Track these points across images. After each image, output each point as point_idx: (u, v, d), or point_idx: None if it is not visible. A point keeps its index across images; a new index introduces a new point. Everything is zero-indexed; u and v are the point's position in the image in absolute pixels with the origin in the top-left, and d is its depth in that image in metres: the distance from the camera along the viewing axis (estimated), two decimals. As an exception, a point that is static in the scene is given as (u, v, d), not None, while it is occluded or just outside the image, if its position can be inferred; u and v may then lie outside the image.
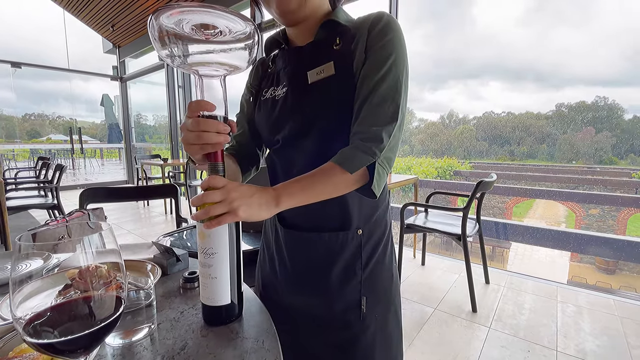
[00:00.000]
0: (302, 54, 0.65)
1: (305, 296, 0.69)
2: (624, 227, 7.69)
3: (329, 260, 0.66)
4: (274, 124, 0.66)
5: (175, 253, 0.77)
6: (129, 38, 6.32)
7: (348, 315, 0.66)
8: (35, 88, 9.60)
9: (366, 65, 0.58)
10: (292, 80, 0.64)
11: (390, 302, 0.70)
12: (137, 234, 3.64)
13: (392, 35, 0.57)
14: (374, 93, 0.56)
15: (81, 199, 1.44)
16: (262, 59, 0.76)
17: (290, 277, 0.70)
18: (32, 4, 8.90)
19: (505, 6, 16.35)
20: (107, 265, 0.40)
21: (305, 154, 0.64)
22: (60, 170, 3.24)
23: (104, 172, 10.20)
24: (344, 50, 0.60)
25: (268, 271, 0.75)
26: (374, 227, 0.67)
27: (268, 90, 0.69)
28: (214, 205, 0.47)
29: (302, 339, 0.70)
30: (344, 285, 0.66)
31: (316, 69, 0.61)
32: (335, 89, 0.59)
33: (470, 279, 1.98)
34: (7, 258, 0.80)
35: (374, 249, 0.67)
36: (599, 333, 1.74)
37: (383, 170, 0.58)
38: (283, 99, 0.64)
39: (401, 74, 0.57)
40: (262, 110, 0.69)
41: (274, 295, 0.74)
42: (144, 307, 0.52)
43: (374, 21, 0.59)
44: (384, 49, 0.57)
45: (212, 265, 0.52)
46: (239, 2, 4.09)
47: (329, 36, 0.62)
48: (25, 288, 0.35)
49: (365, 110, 0.56)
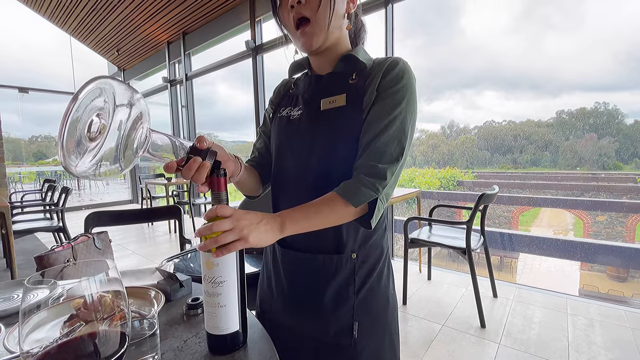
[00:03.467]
0: (320, 82, 0.70)
1: (300, 317, 0.70)
2: (632, 233, 7.57)
3: (322, 282, 0.67)
4: (284, 140, 0.71)
5: (178, 279, 0.77)
6: (133, 62, 6.49)
7: (340, 339, 0.66)
8: (41, 111, 9.82)
9: (377, 106, 0.62)
10: (308, 104, 0.69)
11: (384, 328, 0.69)
12: (141, 254, 3.65)
13: (405, 82, 0.62)
14: (383, 134, 0.60)
15: (86, 223, 1.46)
16: (286, 80, 0.82)
17: (286, 296, 0.71)
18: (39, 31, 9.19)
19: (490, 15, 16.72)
20: (110, 294, 0.41)
21: (305, 171, 0.67)
22: (65, 193, 3.27)
23: (109, 191, 10.28)
24: (358, 85, 0.65)
25: (266, 289, 0.77)
26: (369, 251, 0.68)
27: (285, 109, 0.74)
28: (225, 234, 0.48)
29: (298, 358, 0.70)
30: (336, 308, 0.66)
31: (329, 98, 0.66)
32: (343, 119, 0.64)
33: (477, 294, 1.96)
34: (10, 287, 0.81)
35: (368, 273, 0.67)
36: (612, 346, 1.70)
37: (382, 205, 0.62)
38: (297, 119, 0.70)
39: (409, 120, 0.62)
40: (276, 125, 0.75)
41: (270, 313, 0.75)
42: (147, 337, 0.52)
43: (390, 65, 0.63)
44: (396, 94, 0.61)
45: (220, 294, 0.53)
46: (238, 26, 4.21)
47: (346, 70, 0.68)
48: (32, 319, 0.36)
49: (372, 148, 0.60)
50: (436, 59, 17.36)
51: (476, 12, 17.42)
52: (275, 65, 4.23)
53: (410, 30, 2.90)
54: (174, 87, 5.74)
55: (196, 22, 4.67)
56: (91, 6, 4.77)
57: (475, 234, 2.14)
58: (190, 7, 4.33)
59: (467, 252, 1.98)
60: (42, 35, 10.25)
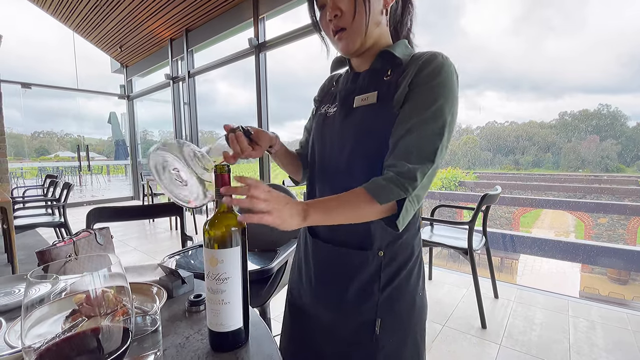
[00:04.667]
0: (356, 80, 0.71)
1: (324, 306, 0.71)
2: (634, 236, 7.54)
3: (347, 276, 0.67)
4: (319, 136, 0.74)
5: (180, 275, 0.77)
6: (136, 58, 6.49)
7: (361, 334, 0.66)
8: (44, 107, 9.82)
9: (411, 102, 0.60)
10: (343, 102, 0.71)
11: (408, 329, 0.68)
12: (142, 250, 3.65)
13: (443, 78, 0.59)
14: (413, 132, 0.57)
15: (88, 218, 1.46)
16: (331, 76, 0.84)
17: (313, 285, 0.73)
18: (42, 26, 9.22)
19: (491, 16, 16.62)
20: (113, 290, 0.40)
21: (336, 168, 0.70)
22: (67, 189, 3.28)
23: (110, 188, 10.30)
24: (391, 81, 0.64)
25: (296, 276, 0.80)
26: (398, 250, 0.67)
27: (324, 106, 0.77)
28: (258, 200, 0.51)
29: (319, 346, 0.72)
30: (360, 303, 0.67)
31: (362, 96, 0.67)
32: (372, 117, 0.64)
33: (478, 295, 1.95)
34: (11, 282, 0.81)
35: (396, 272, 0.66)
36: (613, 348, 1.69)
37: (411, 207, 0.59)
38: (332, 116, 0.72)
39: (447, 120, 0.58)
40: (315, 122, 0.78)
41: (299, 300, 0.78)
42: (149, 333, 0.52)
43: (426, 61, 0.61)
44: (431, 91, 0.58)
45: (225, 291, 0.52)
46: (242, 23, 4.20)
47: (383, 66, 0.67)
48: (34, 314, 0.36)
49: (401, 147, 0.58)
50: (439, 59, 17.22)
51: (476, 12, 17.33)
52: (275, 64, 4.21)
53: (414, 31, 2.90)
54: (176, 84, 5.73)
55: (199, 19, 4.67)
56: (94, 2, 4.77)
57: (477, 235, 2.13)
58: (194, 4, 4.33)
59: (469, 253, 1.97)
60: (45, 31, 10.26)
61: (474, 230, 1.98)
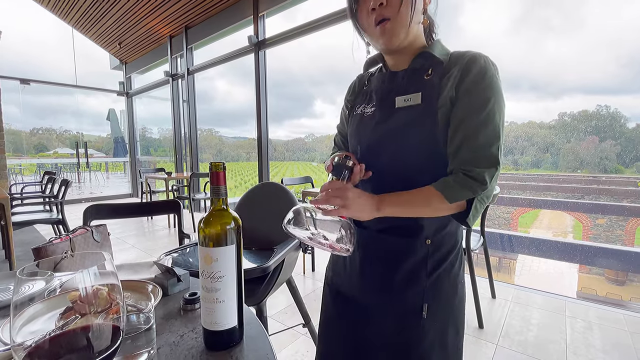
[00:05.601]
0: (395, 80, 0.70)
1: (371, 292, 0.72)
2: (632, 237, 7.57)
3: (394, 264, 0.69)
4: (358, 136, 0.74)
5: (176, 273, 0.77)
6: (135, 55, 6.47)
7: (407, 319, 0.68)
8: (43, 103, 9.78)
9: (464, 106, 0.61)
10: (382, 102, 0.71)
11: (450, 314, 0.70)
12: (140, 247, 3.64)
13: (489, 78, 0.60)
14: (477, 136, 0.59)
15: (85, 215, 1.45)
16: (361, 76, 0.83)
17: (356, 272, 0.74)
18: (42, 23, 9.15)
19: (491, 16, 16.43)
20: (107, 288, 0.40)
21: (377, 168, 0.70)
22: (65, 185, 3.27)
23: (109, 185, 10.28)
24: (433, 82, 0.64)
25: (340, 264, 0.80)
26: (443, 239, 0.69)
27: (360, 107, 0.76)
28: (333, 198, 0.58)
29: (362, 332, 0.73)
30: (406, 289, 0.68)
31: (404, 96, 0.66)
32: (417, 118, 0.64)
33: (476, 294, 1.95)
34: (7, 278, 0.80)
35: (441, 260, 0.69)
36: (610, 349, 1.70)
37: (481, 206, 0.63)
38: (370, 116, 0.72)
39: (500, 119, 0.60)
40: (351, 122, 0.78)
41: (341, 287, 0.79)
42: (143, 331, 0.52)
43: (469, 63, 0.62)
44: (482, 93, 0.60)
45: (219, 289, 0.52)
46: (241, 20, 4.19)
47: (422, 66, 0.67)
48: (27, 311, 0.35)
49: (468, 151, 0.60)
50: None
51: (475, 11, 17.35)
52: (274, 62, 4.20)
53: None
54: (175, 81, 5.72)
55: (199, 16, 4.65)
56: (94, -2, 4.75)
57: (475, 234, 2.13)
58: (193, 1, 4.31)
59: (467, 252, 1.97)
60: (43, 27, 10.22)
61: (471, 230, 1.98)
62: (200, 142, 5.83)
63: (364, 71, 0.81)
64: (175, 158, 5.95)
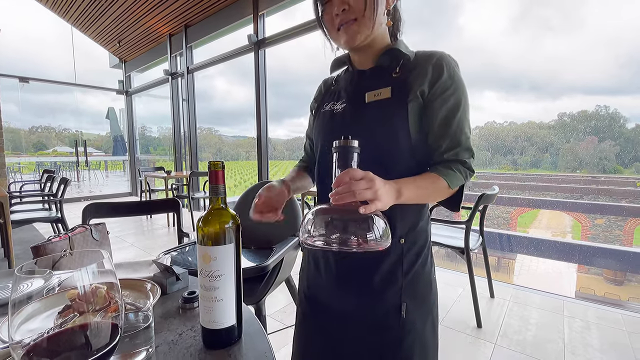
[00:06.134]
0: (363, 77, 0.73)
1: (349, 297, 0.72)
2: (630, 237, 7.58)
3: (371, 265, 0.69)
4: (328, 133, 0.74)
5: (175, 272, 0.77)
6: (134, 53, 6.45)
7: (389, 319, 0.69)
8: (42, 101, 9.76)
9: (443, 103, 0.65)
10: (351, 98, 0.72)
11: (428, 311, 0.72)
12: (139, 246, 3.64)
13: (460, 77, 0.67)
14: (462, 130, 0.66)
15: (84, 214, 1.45)
16: (326, 79, 0.85)
17: (334, 278, 0.74)
18: (41, 20, 9.13)
19: (489, 15, 16.35)
20: (106, 286, 0.40)
21: None
22: (64, 184, 3.26)
23: (108, 184, 10.28)
24: (402, 79, 0.67)
25: (313, 272, 0.79)
26: (416, 237, 0.71)
27: (328, 105, 0.77)
28: (364, 190, 0.51)
29: (344, 339, 0.73)
30: (385, 289, 0.69)
31: (374, 91, 0.69)
32: (388, 111, 0.66)
33: (474, 294, 1.95)
34: (7, 277, 0.80)
35: (415, 258, 0.70)
36: (608, 349, 1.70)
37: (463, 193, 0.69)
38: (341, 112, 0.73)
39: (468, 112, 0.68)
40: (319, 119, 0.78)
41: (319, 295, 0.78)
42: (142, 329, 0.52)
43: (441, 59, 0.66)
44: (457, 90, 0.65)
45: (217, 288, 0.52)
46: (241, 19, 4.18)
47: (390, 64, 0.70)
48: (25, 309, 0.35)
49: (456, 144, 0.66)
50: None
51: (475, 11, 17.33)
52: (274, 61, 4.19)
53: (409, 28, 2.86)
54: (175, 80, 5.71)
55: (198, 14, 4.64)
56: (93, -4, 4.74)
57: (474, 234, 2.14)
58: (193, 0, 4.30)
59: (466, 252, 1.97)
60: (43, 25, 10.18)
61: (470, 229, 1.98)
62: (200, 141, 5.83)
63: (330, 72, 0.82)
64: (174, 157, 5.94)
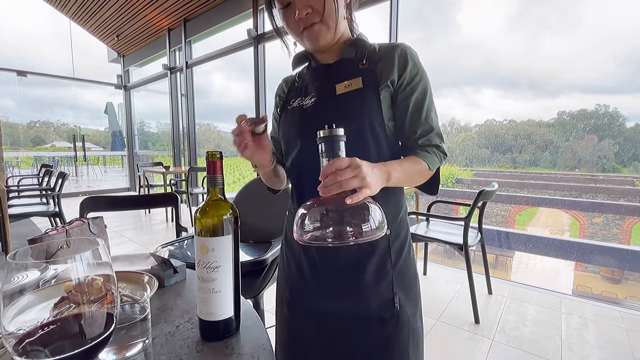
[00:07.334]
0: (330, 70, 0.72)
1: (340, 297, 0.70)
2: (628, 235, 7.61)
3: (362, 260, 0.68)
4: (299, 129, 0.72)
5: (172, 264, 0.76)
6: (133, 47, 6.41)
7: (384, 312, 0.68)
8: (40, 96, 9.70)
9: (412, 92, 0.67)
10: (321, 91, 0.71)
11: (416, 300, 0.73)
12: (137, 241, 3.64)
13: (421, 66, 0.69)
14: (432, 117, 0.69)
15: (82, 207, 1.44)
16: (286, 78, 0.83)
17: (322, 279, 0.71)
18: (39, 14, 9.04)
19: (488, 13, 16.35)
20: (102, 278, 0.39)
21: None
22: (62, 178, 3.25)
23: (106, 179, 10.25)
24: (370, 69, 0.68)
25: (295, 276, 0.75)
26: (399, 227, 0.71)
27: (295, 101, 0.75)
28: (348, 180, 0.49)
29: (334, 340, 0.70)
30: (378, 283, 0.68)
31: (344, 83, 0.68)
32: (362, 100, 0.66)
33: (472, 290, 1.96)
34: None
35: (400, 248, 0.71)
36: (605, 345, 1.71)
37: None
38: (311, 107, 0.71)
39: (434, 104, 0.71)
40: (288, 117, 0.75)
41: (305, 299, 0.74)
42: (138, 321, 0.51)
43: (405, 50, 0.68)
44: (423, 79, 0.68)
45: (215, 279, 0.52)
46: (241, 14, 4.15)
47: (356, 55, 0.70)
48: (20, 301, 0.35)
49: (429, 130, 0.68)
50: (434, 55, 17.25)
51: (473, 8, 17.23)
52: (273, 56, 4.17)
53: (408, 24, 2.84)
54: (174, 74, 5.67)
55: (198, 8, 4.61)
56: (91, -11, 4.69)
57: (473, 231, 2.14)
58: (192, -6, 4.27)
59: (464, 249, 1.97)
60: (40, 18, 10.10)
61: (469, 226, 1.98)
62: (199, 137, 5.81)
63: (292, 68, 0.81)
64: (173, 152, 5.92)
